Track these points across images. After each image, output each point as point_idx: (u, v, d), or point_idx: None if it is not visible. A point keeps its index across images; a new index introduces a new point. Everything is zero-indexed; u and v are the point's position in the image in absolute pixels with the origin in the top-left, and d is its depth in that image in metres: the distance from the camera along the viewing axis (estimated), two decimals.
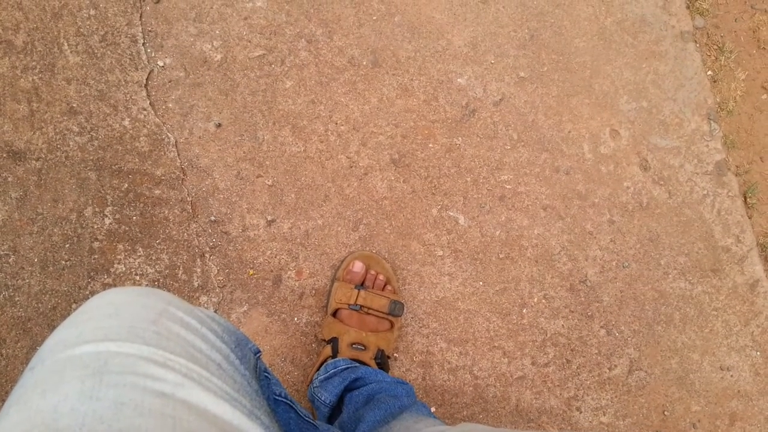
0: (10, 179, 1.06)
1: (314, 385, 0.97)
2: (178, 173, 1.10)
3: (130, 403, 0.39)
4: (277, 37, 1.17)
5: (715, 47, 1.35)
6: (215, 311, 1.08)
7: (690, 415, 1.20)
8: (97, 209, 1.07)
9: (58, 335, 0.46)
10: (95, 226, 1.07)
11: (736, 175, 1.29)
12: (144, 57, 1.12)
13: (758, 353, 1.24)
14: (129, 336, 0.45)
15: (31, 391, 0.41)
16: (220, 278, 1.10)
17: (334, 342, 1.02)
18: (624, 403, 1.18)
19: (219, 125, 1.13)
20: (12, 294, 1.04)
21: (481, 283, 1.17)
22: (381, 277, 1.08)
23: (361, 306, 1.03)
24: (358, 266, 1.07)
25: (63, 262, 1.06)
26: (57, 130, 1.08)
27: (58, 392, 0.39)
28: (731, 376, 1.22)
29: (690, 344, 1.22)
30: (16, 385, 0.44)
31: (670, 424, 1.19)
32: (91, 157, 1.08)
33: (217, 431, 0.42)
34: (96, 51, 1.11)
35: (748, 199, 1.29)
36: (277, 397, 0.71)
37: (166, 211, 1.10)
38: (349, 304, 1.04)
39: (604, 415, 1.17)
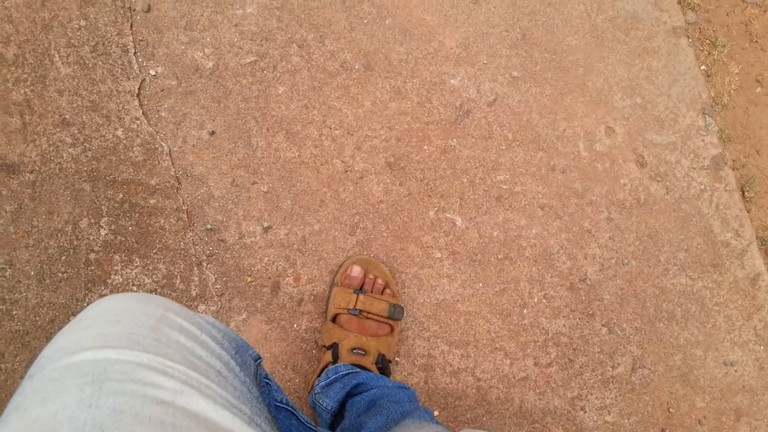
0: (4, 192, 1.05)
1: (315, 391, 0.96)
2: (172, 182, 1.10)
3: (129, 411, 0.39)
4: (268, 43, 1.17)
5: (708, 42, 1.35)
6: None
7: (695, 412, 1.19)
8: (92, 220, 1.07)
9: (57, 343, 0.46)
10: (91, 238, 1.06)
11: (733, 169, 1.29)
12: (135, 66, 1.11)
13: (761, 347, 1.23)
14: (128, 343, 0.45)
15: (30, 398, 0.40)
16: (218, 286, 1.09)
17: (334, 348, 1.01)
18: (628, 402, 1.17)
19: (212, 133, 1.12)
20: (9, 308, 1.03)
21: (480, 284, 1.16)
22: (380, 280, 1.08)
23: (361, 310, 1.02)
24: (356, 270, 1.07)
25: (60, 274, 1.05)
26: (50, 142, 1.07)
27: (58, 400, 0.39)
28: (735, 371, 1.22)
29: (693, 340, 1.21)
30: (15, 392, 0.43)
31: (676, 421, 1.18)
32: (85, 168, 1.07)
33: None
34: (87, 62, 1.10)
35: (745, 193, 1.29)
36: (278, 404, 0.70)
37: (162, 221, 1.09)
38: (348, 309, 1.03)
39: (609, 414, 1.16)
